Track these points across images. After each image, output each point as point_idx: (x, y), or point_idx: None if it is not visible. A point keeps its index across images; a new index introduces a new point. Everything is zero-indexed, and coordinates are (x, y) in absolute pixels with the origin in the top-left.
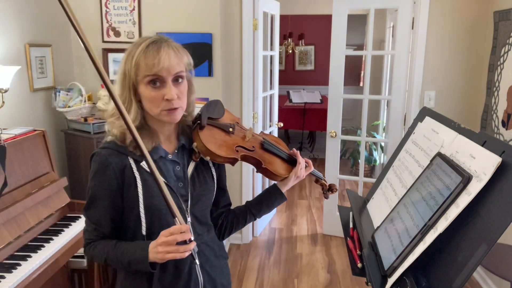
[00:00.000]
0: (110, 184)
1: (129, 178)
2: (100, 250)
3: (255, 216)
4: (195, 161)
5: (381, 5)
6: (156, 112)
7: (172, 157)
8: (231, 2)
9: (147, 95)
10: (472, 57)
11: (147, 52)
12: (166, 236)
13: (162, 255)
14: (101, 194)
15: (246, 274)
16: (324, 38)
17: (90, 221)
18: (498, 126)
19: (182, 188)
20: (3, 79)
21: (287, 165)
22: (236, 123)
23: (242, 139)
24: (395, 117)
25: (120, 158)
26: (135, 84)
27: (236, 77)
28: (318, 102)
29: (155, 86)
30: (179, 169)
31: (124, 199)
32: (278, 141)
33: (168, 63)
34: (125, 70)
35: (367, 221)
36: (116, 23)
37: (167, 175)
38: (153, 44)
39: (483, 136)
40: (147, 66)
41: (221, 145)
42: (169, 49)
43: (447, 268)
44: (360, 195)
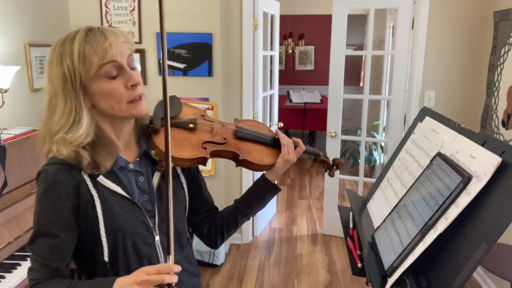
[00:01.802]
0: (62, 205)
1: (84, 196)
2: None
3: (246, 215)
4: (160, 171)
5: (381, 5)
6: (121, 108)
7: (133, 166)
8: (231, 2)
9: (107, 90)
10: (472, 57)
11: (91, 40)
12: (150, 274)
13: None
14: (51, 219)
15: (246, 274)
16: (324, 38)
17: (38, 256)
18: (498, 126)
19: (148, 202)
20: (3, 79)
21: (272, 150)
22: (201, 116)
23: (209, 133)
24: (395, 117)
25: (72, 173)
26: (85, 84)
27: (236, 77)
28: (318, 102)
29: (113, 76)
30: (143, 180)
31: (80, 221)
32: (258, 125)
33: (120, 45)
34: (65, 72)
35: (367, 221)
36: (116, 23)
37: (129, 188)
38: (91, 31)
39: (483, 136)
40: (99, 54)
41: (183, 146)
42: (112, 31)
43: (447, 268)
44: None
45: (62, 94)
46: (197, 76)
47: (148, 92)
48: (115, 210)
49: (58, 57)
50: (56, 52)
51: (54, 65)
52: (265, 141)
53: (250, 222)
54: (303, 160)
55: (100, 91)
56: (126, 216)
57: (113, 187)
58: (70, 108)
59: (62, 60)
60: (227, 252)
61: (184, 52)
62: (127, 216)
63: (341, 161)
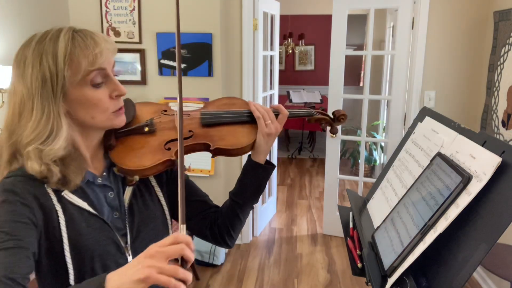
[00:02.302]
0: (23, 216)
1: (47, 211)
2: None
3: (246, 205)
4: (131, 186)
5: (381, 5)
6: (103, 118)
7: (102, 181)
8: (231, 2)
9: (90, 98)
10: (472, 57)
11: (80, 43)
12: (167, 244)
13: (150, 271)
14: (13, 230)
15: (246, 274)
16: (324, 38)
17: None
18: (498, 126)
19: (118, 219)
20: (3, 79)
21: (250, 127)
22: (161, 112)
23: (171, 130)
24: (395, 117)
25: (33, 185)
26: (67, 90)
27: (236, 77)
28: (318, 102)
29: (98, 84)
30: (112, 196)
31: (42, 240)
32: (232, 102)
33: (109, 53)
34: (45, 73)
35: (367, 221)
36: (116, 23)
37: (97, 204)
38: (78, 33)
39: (483, 136)
40: (88, 59)
41: (142, 155)
42: (102, 36)
43: (447, 268)
44: (360, 195)
45: (39, 98)
46: (197, 76)
47: (148, 92)
48: (81, 228)
49: (36, 56)
50: (34, 51)
51: (30, 65)
52: (239, 119)
53: (250, 222)
54: (303, 160)
55: (83, 99)
56: (94, 235)
57: (79, 203)
58: (48, 115)
59: (42, 60)
60: (227, 252)
61: (184, 52)
62: (95, 235)
63: (343, 112)
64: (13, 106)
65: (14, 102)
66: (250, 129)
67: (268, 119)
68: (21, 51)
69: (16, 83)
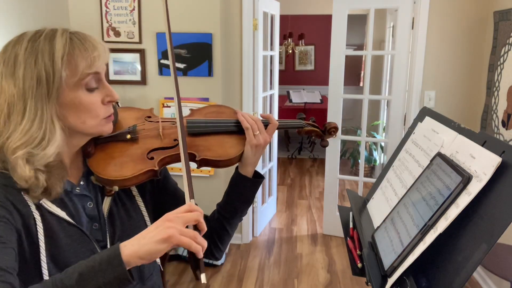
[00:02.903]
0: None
1: (26, 217)
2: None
3: (233, 218)
4: (109, 196)
5: (381, 5)
6: (93, 124)
7: (80, 190)
8: (231, 2)
9: (84, 102)
10: (472, 57)
11: (79, 45)
12: (183, 211)
13: (173, 231)
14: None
15: (246, 274)
16: (324, 38)
17: None
18: (498, 126)
19: (98, 230)
20: None
21: (239, 137)
22: (145, 119)
23: (155, 138)
24: (395, 117)
25: (9, 191)
26: (61, 92)
27: (236, 77)
28: (318, 102)
29: (92, 89)
30: (91, 206)
31: (19, 247)
32: (220, 110)
33: (105, 57)
34: (40, 73)
35: (367, 221)
36: (116, 23)
37: (75, 214)
38: (75, 34)
39: (483, 136)
40: (87, 62)
41: (123, 163)
42: (99, 41)
43: (447, 268)
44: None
45: (33, 99)
46: (197, 76)
47: (148, 92)
48: (60, 238)
49: (30, 54)
50: (26, 49)
51: (22, 63)
52: (227, 129)
53: (250, 222)
54: (303, 160)
55: (76, 102)
56: (73, 245)
57: (58, 212)
58: (41, 117)
59: (38, 59)
60: (227, 252)
61: (184, 52)
62: (74, 246)
63: (334, 124)
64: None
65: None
66: (238, 140)
67: (257, 130)
68: (10, 49)
69: (2, 82)
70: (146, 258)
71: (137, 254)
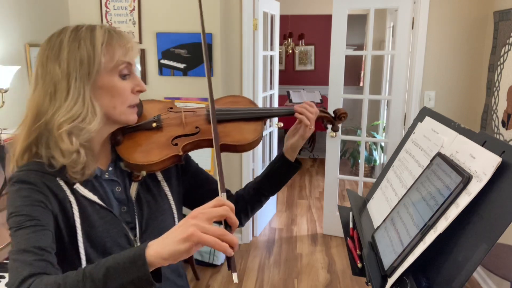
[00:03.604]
0: (38, 201)
1: (62, 201)
2: (47, 283)
3: (270, 194)
4: (136, 181)
5: (381, 5)
6: (121, 110)
7: (109, 175)
8: (231, 2)
9: (117, 87)
10: (472, 57)
11: (116, 35)
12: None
13: (194, 229)
14: (31, 213)
15: (246, 274)
16: (324, 38)
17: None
18: (498, 126)
19: (127, 213)
20: (3, 79)
21: (255, 123)
22: (168, 109)
23: (178, 126)
24: (395, 117)
25: (46, 178)
26: (99, 75)
27: (236, 77)
28: (318, 102)
29: (125, 76)
30: (120, 191)
31: (57, 229)
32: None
33: (136, 50)
34: (83, 55)
35: (367, 221)
36: (116, 23)
37: (105, 198)
38: (112, 28)
39: (483, 136)
40: (122, 51)
41: (150, 150)
42: (131, 36)
43: (447, 268)
44: (360, 195)
45: (76, 79)
46: (197, 76)
47: (148, 92)
48: (94, 220)
49: (73, 40)
50: (70, 36)
51: (66, 47)
52: (245, 116)
53: (250, 222)
54: (303, 160)
55: (110, 86)
56: (105, 227)
57: (90, 196)
58: (83, 96)
59: (81, 44)
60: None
61: (184, 52)
62: (106, 227)
63: (343, 110)
64: (43, 86)
65: (45, 82)
66: (255, 126)
67: (308, 122)
68: (54, 38)
69: (48, 65)
70: (169, 259)
71: (160, 255)
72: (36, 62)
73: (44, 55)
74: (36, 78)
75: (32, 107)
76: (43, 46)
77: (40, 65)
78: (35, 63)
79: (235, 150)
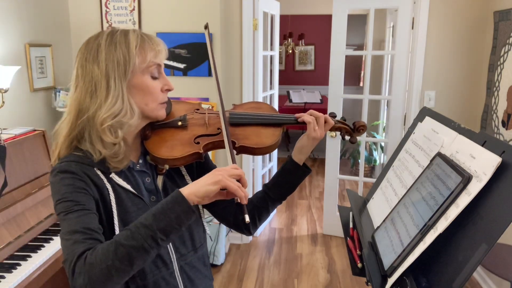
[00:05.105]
0: (81, 188)
1: (100, 188)
2: (103, 246)
3: (278, 201)
4: (161, 174)
5: (381, 5)
6: (153, 107)
7: (140, 167)
8: (231, 2)
9: (149, 86)
10: (472, 57)
11: (147, 39)
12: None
13: (222, 176)
14: (76, 198)
15: (246, 274)
16: (324, 38)
17: (80, 226)
18: (498, 126)
19: (156, 202)
20: (3, 79)
21: (274, 129)
22: (194, 111)
23: (201, 126)
24: (395, 117)
25: (85, 168)
26: (133, 75)
27: (236, 77)
28: (318, 102)
29: (155, 76)
30: (149, 181)
31: (97, 214)
32: (259, 106)
33: (165, 53)
34: (119, 57)
35: (367, 221)
36: (116, 23)
37: (137, 188)
38: (143, 33)
39: (483, 136)
40: (153, 53)
41: (174, 146)
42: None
43: (447, 268)
44: (360, 195)
45: (115, 78)
46: (197, 76)
47: None
48: (128, 206)
49: (110, 43)
50: (106, 40)
51: (104, 50)
52: (265, 122)
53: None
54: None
55: (143, 86)
56: (139, 213)
57: (125, 185)
58: (122, 93)
59: (117, 47)
60: (227, 252)
61: (184, 52)
62: (139, 213)
63: (363, 123)
64: (83, 86)
65: (85, 81)
66: (273, 132)
67: (317, 126)
68: (92, 41)
69: (87, 66)
70: (201, 196)
71: (194, 193)
72: (76, 64)
73: (83, 58)
74: (76, 79)
75: (75, 105)
76: (82, 49)
77: (79, 66)
78: (75, 65)
79: (252, 153)
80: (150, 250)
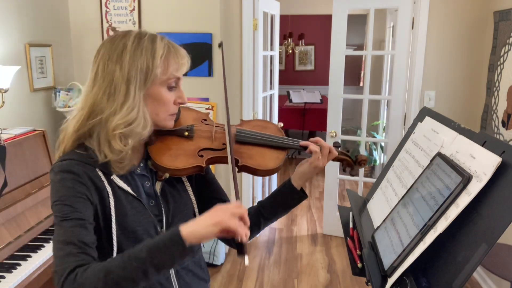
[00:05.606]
0: (81, 192)
1: (100, 191)
2: (94, 269)
3: (270, 220)
4: (160, 181)
5: (381, 5)
6: (163, 117)
7: (140, 170)
8: (231, 2)
9: (164, 97)
10: (472, 57)
11: (174, 51)
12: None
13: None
14: (74, 204)
15: (246, 274)
16: (324, 38)
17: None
18: (498, 126)
19: (154, 206)
20: (3, 79)
21: (278, 152)
22: (202, 121)
23: (207, 139)
24: (395, 117)
25: (87, 168)
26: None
27: (236, 77)
28: (318, 102)
29: (171, 88)
30: (149, 185)
31: (95, 218)
32: (266, 125)
33: (188, 66)
34: (143, 64)
35: (367, 221)
36: (116, 23)
37: (137, 191)
38: (170, 42)
39: (483, 136)
40: (176, 66)
41: (177, 156)
42: (186, 52)
43: (447, 268)
44: (360, 195)
45: (136, 85)
46: (197, 76)
47: None
48: (127, 209)
49: (136, 48)
50: (133, 43)
51: (128, 53)
52: (271, 144)
53: None
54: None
55: (158, 96)
56: (137, 216)
57: (125, 187)
58: (139, 102)
59: (142, 53)
60: (227, 252)
61: None
62: (138, 217)
63: (365, 157)
64: (102, 85)
65: (104, 81)
66: (277, 155)
67: (320, 155)
68: (118, 40)
69: (109, 64)
70: (201, 238)
71: (194, 235)
72: (98, 58)
73: (107, 54)
74: (96, 74)
75: (90, 103)
76: (107, 45)
77: (102, 62)
78: (96, 59)
79: (254, 173)
80: (139, 282)
